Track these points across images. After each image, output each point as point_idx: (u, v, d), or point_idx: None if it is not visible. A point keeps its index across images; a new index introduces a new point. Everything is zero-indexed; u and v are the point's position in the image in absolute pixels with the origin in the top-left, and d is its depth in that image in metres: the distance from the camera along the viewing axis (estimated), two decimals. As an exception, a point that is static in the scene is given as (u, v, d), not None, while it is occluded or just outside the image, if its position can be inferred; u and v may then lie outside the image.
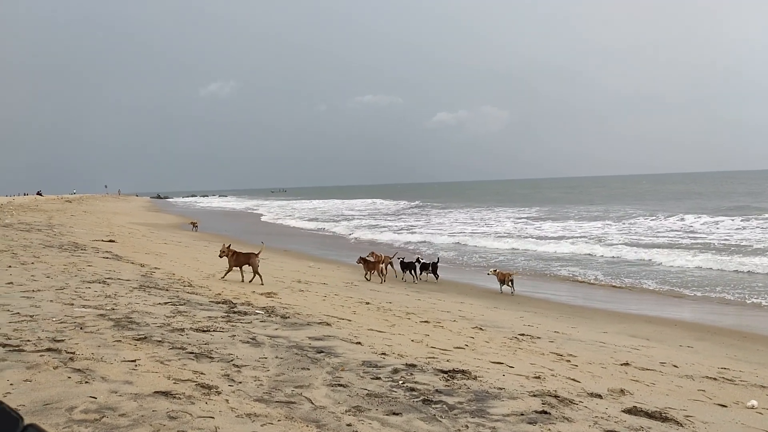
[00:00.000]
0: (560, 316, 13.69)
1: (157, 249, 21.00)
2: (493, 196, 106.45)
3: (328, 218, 60.19)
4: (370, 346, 7.52)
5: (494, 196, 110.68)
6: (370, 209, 77.80)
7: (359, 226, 46.90)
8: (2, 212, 29.90)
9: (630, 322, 13.48)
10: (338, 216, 63.01)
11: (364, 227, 45.15)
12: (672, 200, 69.50)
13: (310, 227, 48.38)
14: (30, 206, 39.08)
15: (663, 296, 17.43)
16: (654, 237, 32.31)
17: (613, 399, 6.29)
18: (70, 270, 11.75)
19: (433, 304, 13.85)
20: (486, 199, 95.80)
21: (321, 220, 55.55)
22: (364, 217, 60.20)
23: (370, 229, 42.73)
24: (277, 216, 65.07)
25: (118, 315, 7.77)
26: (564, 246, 29.18)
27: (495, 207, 67.39)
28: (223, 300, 10.17)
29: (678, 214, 44.02)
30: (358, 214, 67.78)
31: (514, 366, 7.50)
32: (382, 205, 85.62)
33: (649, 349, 10.20)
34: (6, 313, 7.17)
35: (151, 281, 11.58)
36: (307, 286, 14.56)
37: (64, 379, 4.94)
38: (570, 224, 41.11)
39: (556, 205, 68.90)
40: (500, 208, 65.45)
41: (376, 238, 35.80)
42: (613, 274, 21.24)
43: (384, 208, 77.81)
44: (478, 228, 42.16)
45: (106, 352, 5.87)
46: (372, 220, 54.35)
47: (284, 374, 5.85)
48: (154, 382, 5.13)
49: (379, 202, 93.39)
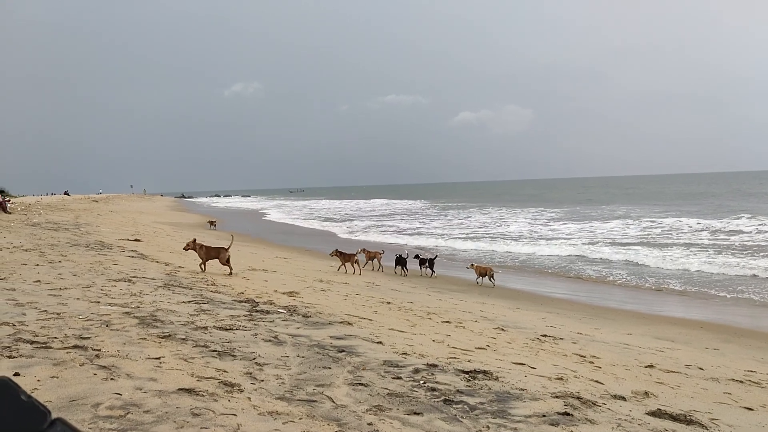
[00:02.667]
0: (583, 317, 13.57)
1: (181, 248, 21.22)
2: (514, 196, 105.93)
3: (344, 218, 60.74)
4: (391, 346, 7.52)
5: (515, 196, 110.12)
6: (388, 209, 77.70)
7: (370, 227, 47.10)
8: (31, 212, 30.47)
9: (655, 323, 13.31)
10: (352, 216, 63.24)
11: (378, 228, 45.27)
12: (699, 200, 68.51)
13: (321, 227, 48.60)
14: (58, 206, 39.77)
15: (688, 297, 17.18)
16: (677, 237, 31.90)
17: (637, 401, 6.22)
18: (97, 268, 11.94)
19: (454, 305, 13.81)
20: (507, 199, 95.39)
21: (336, 221, 55.96)
22: (382, 218, 60.33)
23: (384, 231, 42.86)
24: (293, 216, 65.77)
25: (143, 313, 7.88)
26: (583, 247, 28.96)
27: (515, 207, 67.00)
28: (245, 299, 10.25)
29: (706, 214, 43.46)
30: (374, 214, 67.86)
31: (536, 367, 7.45)
32: (402, 206, 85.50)
33: (674, 351, 10.07)
34: (34, 311, 7.31)
35: (176, 280, 11.72)
36: (328, 286, 14.61)
37: (90, 375, 5.02)
38: (593, 225, 40.78)
39: (579, 205, 68.33)
40: (520, 208, 65.05)
41: (386, 240, 35.61)
42: (637, 275, 20.99)
43: (404, 209, 77.73)
44: (497, 229, 42.02)
45: (131, 350, 5.96)
46: (390, 221, 54.49)
47: (306, 373, 5.88)
48: (178, 380, 5.19)
49: (400, 203, 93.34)
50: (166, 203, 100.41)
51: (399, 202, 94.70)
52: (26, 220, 24.50)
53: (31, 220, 24.38)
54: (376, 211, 76.07)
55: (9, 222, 22.16)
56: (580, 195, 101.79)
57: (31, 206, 34.96)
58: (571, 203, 72.94)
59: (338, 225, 50.07)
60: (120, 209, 52.17)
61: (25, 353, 5.44)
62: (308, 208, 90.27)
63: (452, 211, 67.17)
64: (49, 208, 35.01)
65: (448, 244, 32.79)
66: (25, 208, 31.91)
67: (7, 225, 20.77)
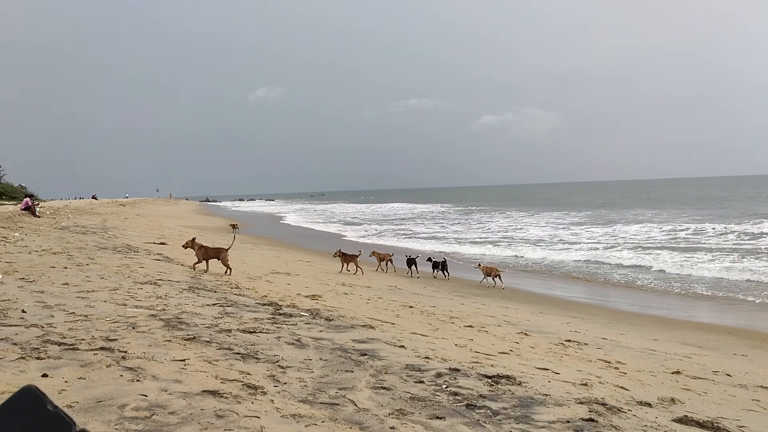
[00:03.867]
0: (608, 322, 13.41)
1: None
2: (535, 200, 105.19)
3: (361, 221, 61.12)
4: (413, 350, 7.51)
5: (536, 199, 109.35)
6: (408, 213, 77.55)
7: (386, 231, 47.33)
8: (59, 215, 31.02)
9: (681, 329, 13.11)
10: (370, 220, 63.44)
11: (393, 232, 45.37)
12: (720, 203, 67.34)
13: (335, 231, 48.87)
14: (85, 209, 40.44)
15: (715, 302, 16.90)
16: (701, 241, 31.42)
17: (663, 408, 6.13)
18: (123, 271, 12.11)
19: (477, 309, 13.74)
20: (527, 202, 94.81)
21: (354, 224, 56.40)
22: (400, 221, 60.40)
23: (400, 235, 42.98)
24: (312, 220, 66.32)
25: (168, 315, 7.97)
26: (607, 251, 28.67)
27: (537, 211, 66.51)
28: (269, 302, 10.31)
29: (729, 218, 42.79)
30: (392, 218, 67.91)
31: (560, 372, 7.38)
32: (422, 210, 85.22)
33: (701, 357, 9.91)
34: (62, 313, 7.44)
35: (200, 283, 11.84)
36: (351, 289, 14.65)
37: (117, 377, 5.10)
38: (616, 228, 40.36)
39: (601, 208, 67.60)
40: (542, 212, 64.53)
41: (401, 244, 35.58)
42: (662, 279, 20.71)
43: (423, 213, 77.57)
44: (518, 233, 41.81)
45: (156, 352, 6.03)
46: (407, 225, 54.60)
47: (328, 376, 5.90)
48: (202, 382, 5.24)
49: (421, 207, 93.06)
50: (191, 207, 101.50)
51: (420, 206, 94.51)
52: (55, 223, 24.95)
53: (59, 224, 24.82)
54: (395, 215, 76.11)
55: (38, 225, 22.59)
56: (602, 198, 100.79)
57: (59, 210, 35.59)
58: (593, 207, 72.19)
59: (354, 228, 50.53)
60: (146, 213, 52.86)
61: (53, 355, 5.54)
62: (328, 211, 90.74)
63: (474, 215, 66.93)
64: (77, 212, 35.60)
65: (464, 249, 32.54)
66: (53, 212, 32.49)
67: (36, 228, 21.18)
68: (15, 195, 68.92)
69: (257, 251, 25.31)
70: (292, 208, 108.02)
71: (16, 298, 8.02)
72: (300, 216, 76.68)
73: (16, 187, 79.58)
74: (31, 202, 28.54)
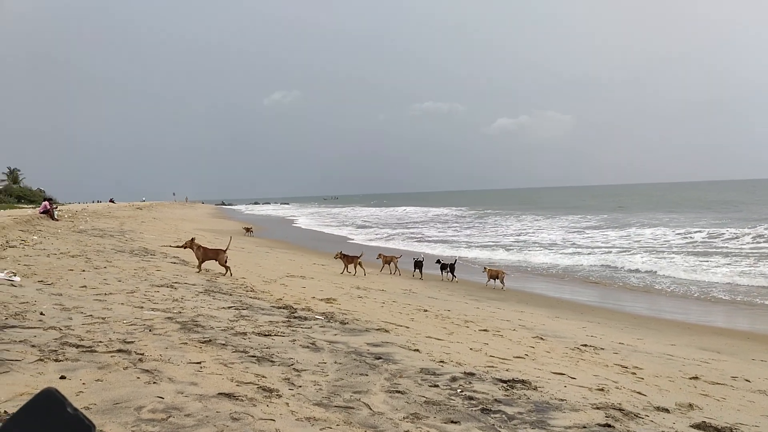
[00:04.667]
0: (625, 327, 13.30)
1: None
2: (551, 203, 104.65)
3: (372, 225, 61.24)
4: (428, 354, 7.50)
5: (551, 203, 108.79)
6: (422, 217, 77.19)
7: (396, 234, 47.46)
8: (77, 219, 31.35)
9: (699, 333, 12.97)
10: (381, 224, 63.51)
11: (403, 236, 45.41)
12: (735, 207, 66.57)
13: (340, 234, 49.09)
14: (103, 213, 40.82)
15: (734, 306, 16.69)
16: (718, 245, 31.10)
17: (681, 414, 6.06)
18: (140, 274, 12.22)
19: (492, 313, 13.69)
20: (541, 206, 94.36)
21: (365, 228, 56.59)
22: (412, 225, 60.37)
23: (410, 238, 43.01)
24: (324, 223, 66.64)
25: (184, 318, 8.02)
26: (623, 255, 28.46)
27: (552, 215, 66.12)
28: (284, 305, 10.35)
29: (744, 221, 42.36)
30: (405, 222, 67.80)
31: (576, 377, 7.33)
32: (435, 213, 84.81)
33: (719, 363, 9.78)
34: (80, 315, 7.52)
35: (216, 286, 11.91)
36: (365, 293, 14.65)
37: (134, 379, 5.14)
38: (631, 232, 40.06)
39: (616, 212, 67.11)
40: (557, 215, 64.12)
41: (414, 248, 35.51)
42: (679, 283, 20.50)
43: (436, 216, 77.34)
44: (532, 237, 41.65)
45: (173, 354, 6.07)
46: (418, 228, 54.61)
47: (343, 379, 5.90)
48: (218, 384, 5.27)
49: (435, 210, 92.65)
50: (207, 210, 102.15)
51: (434, 209, 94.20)
52: (73, 227, 25.22)
53: (77, 227, 25.09)
54: (408, 218, 75.98)
55: (56, 229, 22.84)
56: (616, 201, 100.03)
57: (77, 213, 35.96)
58: (607, 210, 71.59)
59: (365, 232, 50.88)
60: (163, 216, 53.28)
61: (71, 357, 5.60)
62: (342, 215, 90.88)
63: (489, 218, 66.68)
64: (95, 216, 35.95)
65: (473, 253, 32.33)
66: (72, 216, 32.84)
67: (55, 232, 21.42)
68: (34, 198, 69.89)
69: (272, 255, 25.42)
70: (304, 212, 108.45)
71: (35, 301, 8.12)
72: (311, 219, 77.03)
73: (35, 191, 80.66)
74: (50, 206, 28.86)
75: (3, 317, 6.88)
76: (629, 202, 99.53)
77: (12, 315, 7.05)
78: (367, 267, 20.32)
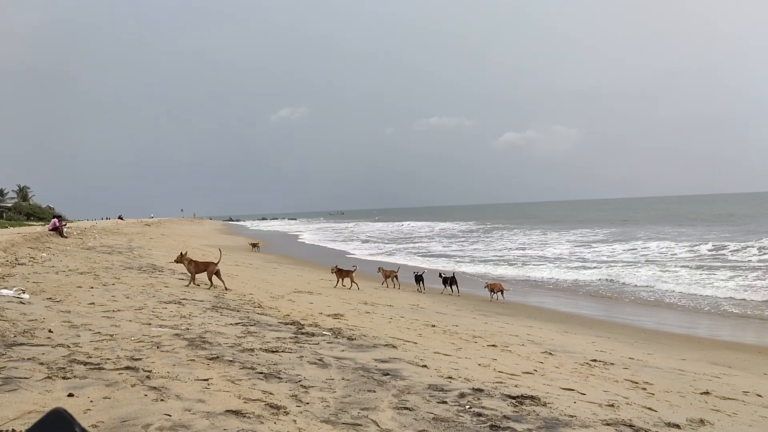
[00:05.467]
0: (635, 342, 13.19)
1: (228, 271, 21.56)
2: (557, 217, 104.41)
3: (376, 240, 61.35)
4: (436, 370, 7.46)
5: (557, 216, 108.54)
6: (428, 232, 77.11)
7: (399, 249, 47.56)
8: (86, 236, 31.50)
9: (710, 348, 12.84)
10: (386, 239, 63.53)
11: (406, 250, 45.41)
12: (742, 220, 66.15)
13: (343, 248, 49.06)
14: (112, 230, 40.99)
15: (745, 320, 16.54)
16: (726, 258, 30.91)
17: (692, 429, 5.99)
18: (148, 291, 12.24)
19: (500, 328, 13.61)
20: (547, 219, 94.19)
21: (370, 242, 56.66)
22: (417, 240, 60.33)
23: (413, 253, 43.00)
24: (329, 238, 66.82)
25: (192, 335, 8.02)
26: (631, 269, 28.31)
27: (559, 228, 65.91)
28: (291, 321, 10.34)
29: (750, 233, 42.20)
30: (411, 236, 67.81)
31: (586, 393, 7.27)
32: (441, 227, 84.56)
33: (731, 378, 9.68)
34: (88, 333, 7.53)
35: (223, 302, 11.91)
36: (373, 308, 14.62)
37: (141, 396, 5.13)
38: (637, 245, 39.90)
39: (623, 226, 66.81)
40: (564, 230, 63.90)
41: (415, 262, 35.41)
42: (689, 297, 20.35)
43: (441, 231, 77.23)
44: (538, 251, 41.52)
45: (180, 371, 6.07)
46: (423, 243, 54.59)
47: (350, 396, 5.87)
48: (225, 401, 5.25)
49: (442, 225, 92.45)
50: (215, 227, 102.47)
51: (441, 224, 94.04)
52: (82, 243, 25.33)
53: (86, 244, 25.20)
54: (415, 233, 75.99)
55: (65, 246, 22.96)
56: (623, 215, 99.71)
57: (86, 230, 36.12)
58: (615, 224, 71.31)
59: (368, 247, 51.20)
60: (171, 233, 53.45)
61: (79, 374, 5.60)
62: (348, 230, 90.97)
63: (496, 232, 66.54)
64: (103, 232, 36.09)
65: (477, 268, 32.12)
66: (80, 232, 32.99)
67: (64, 248, 21.53)
68: (43, 216, 70.30)
69: (280, 270, 25.43)
70: (310, 227, 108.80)
71: (44, 318, 8.15)
72: (316, 234, 77.32)
73: (45, 208, 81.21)
74: (59, 223, 29.02)
75: (12, 335, 6.90)
76: (636, 215, 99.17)
77: (20, 332, 7.07)
78: (368, 281, 20.42)
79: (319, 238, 67.65)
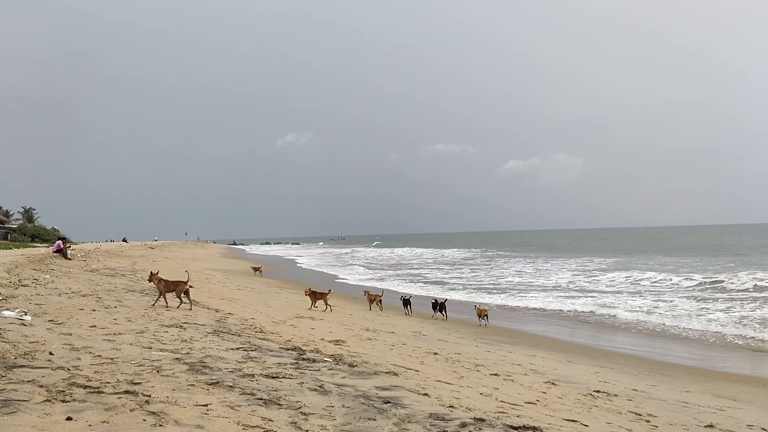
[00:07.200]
0: (639, 373, 13.07)
1: (231, 295, 21.57)
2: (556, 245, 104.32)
3: (374, 266, 61.62)
4: (437, 398, 7.40)
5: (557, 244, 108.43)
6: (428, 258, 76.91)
7: (394, 275, 47.66)
8: (90, 258, 31.54)
9: (715, 380, 12.72)
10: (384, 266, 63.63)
11: (400, 278, 45.40)
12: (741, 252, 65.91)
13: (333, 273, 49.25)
14: (116, 252, 41.03)
15: (749, 353, 16.40)
16: (729, 290, 30.75)
17: (697, 464, 5.91)
18: (150, 314, 12.22)
19: (503, 357, 13.52)
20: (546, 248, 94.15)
21: (368, 268, 56.88)
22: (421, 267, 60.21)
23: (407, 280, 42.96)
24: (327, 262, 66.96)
25: (192, 359, 7.99)
26: (636, 299, 28.19)
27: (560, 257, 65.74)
28: (292, 347, 10.29)
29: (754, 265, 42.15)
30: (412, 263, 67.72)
31: (589, 425, 7.19)
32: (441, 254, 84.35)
33: (735, 411, 9.57)
34: (88, 356, 7.51)
35: (225, 326, 11.88)
36: (375, 335, 14.55)
37: (140, 421, 5.10)
38: (636, 276, 39.79)
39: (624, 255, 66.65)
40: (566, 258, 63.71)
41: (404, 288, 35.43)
42: (692, 328, 20.19)
43: (449, 257, 77.15)
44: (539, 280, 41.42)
45: (180, 396, 6.03)
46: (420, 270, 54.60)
47: (351, 424, 5.82)
48: (224, 427, 5.22)
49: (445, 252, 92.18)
50: (218, 250, 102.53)
51: (444, 251, 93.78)
52: (85, 266, 25.35)
53: (90, 266, 25.22)
54: (413, 259, 76.12)
55: (69, 268, 22.98)
56: (623, 245, 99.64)
57: (90, 253, 36.16)
58: (617, 253, 71.12)
59: (364, 272, 51.60)
60: (174, 256, 53.50)
61: (78, 398, 5.58)
62: (347, 255, 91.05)
63: (497, 260, 66.42)
64: (107, 255, 36.12)
65: (471, 296, 31.91)
66: (84, 255, 33.03)
67: (67, 271, 21.55)
68: (48, 237, 70.59)
69: (282, 295, 25.37)
70: (310, 252, 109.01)
71: (45, 340, 8.13)
72: (314, 260, 77.37)
73: (50, 230, 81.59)
74: (63, 245, 29.09)
75: (12, 356, 6.89)
76: (637, 245, 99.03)
77: (21, 354, 7.06)
78: (354, 303, 20.53)
79: (317, 263, 67.87)
